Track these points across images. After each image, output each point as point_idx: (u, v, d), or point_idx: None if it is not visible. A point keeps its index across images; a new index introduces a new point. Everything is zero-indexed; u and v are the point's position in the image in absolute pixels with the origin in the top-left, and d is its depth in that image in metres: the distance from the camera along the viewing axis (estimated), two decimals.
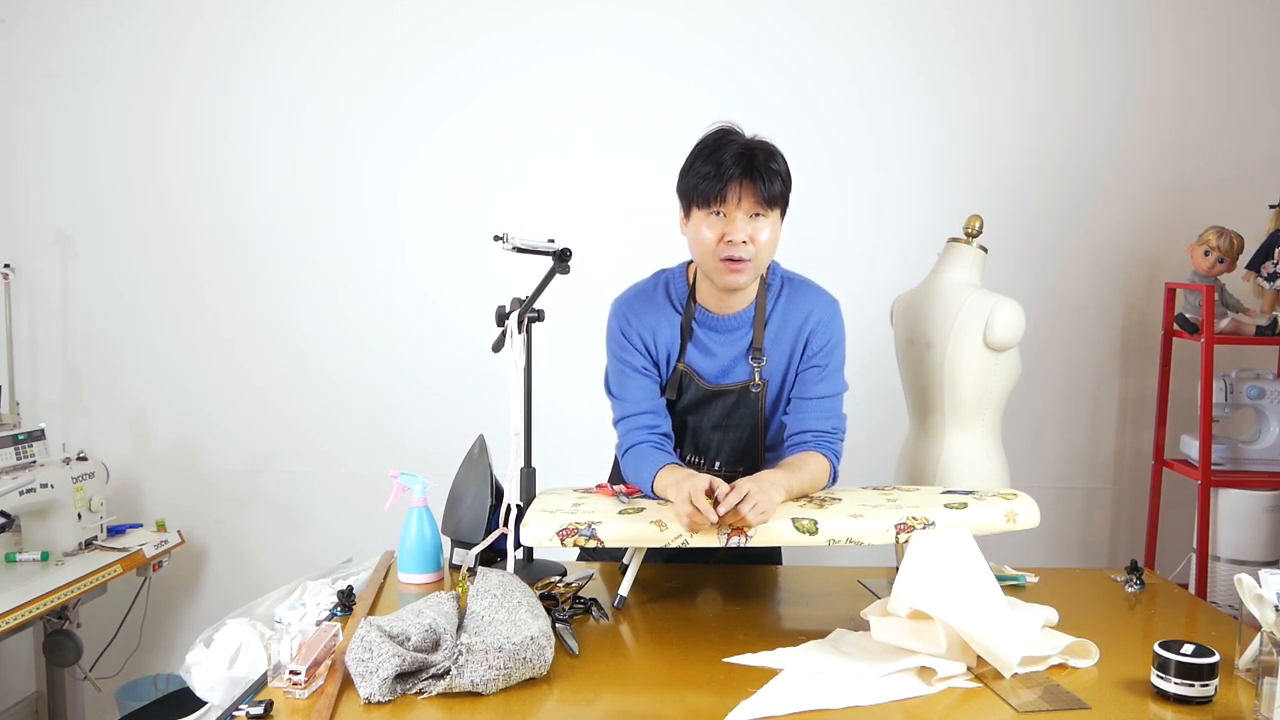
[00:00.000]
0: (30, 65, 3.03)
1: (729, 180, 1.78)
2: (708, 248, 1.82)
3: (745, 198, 1.79)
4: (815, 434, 1.89)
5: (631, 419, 1.93)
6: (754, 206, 1.79)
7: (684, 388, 1.94)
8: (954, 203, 2.89)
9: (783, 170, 1.82)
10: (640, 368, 1.94)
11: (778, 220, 1.84)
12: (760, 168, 1.78)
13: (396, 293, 3.08)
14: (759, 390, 1.92)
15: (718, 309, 1.92)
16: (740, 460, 1.98)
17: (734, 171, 1.77)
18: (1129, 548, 3.08)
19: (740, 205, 1.79)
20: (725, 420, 1.95)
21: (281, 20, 3.02)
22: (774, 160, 1.81)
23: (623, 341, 1.94)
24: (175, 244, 3.08)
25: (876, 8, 3.00)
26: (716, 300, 1.91)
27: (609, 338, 1.97)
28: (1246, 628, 1.51)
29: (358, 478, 3.06)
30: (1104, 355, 3.09)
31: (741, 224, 1.79)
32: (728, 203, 1.79)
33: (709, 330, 1.92)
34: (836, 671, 1.50)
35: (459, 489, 2.01)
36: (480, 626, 1.49)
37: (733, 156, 1.78)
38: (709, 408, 1.95)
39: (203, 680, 1.68)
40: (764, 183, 1.78)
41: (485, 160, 3.04)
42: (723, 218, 1.80)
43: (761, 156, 1.79)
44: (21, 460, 2.59)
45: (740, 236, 1.79)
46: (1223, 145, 3.01)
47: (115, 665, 2.96)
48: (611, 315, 1.97)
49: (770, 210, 1.81)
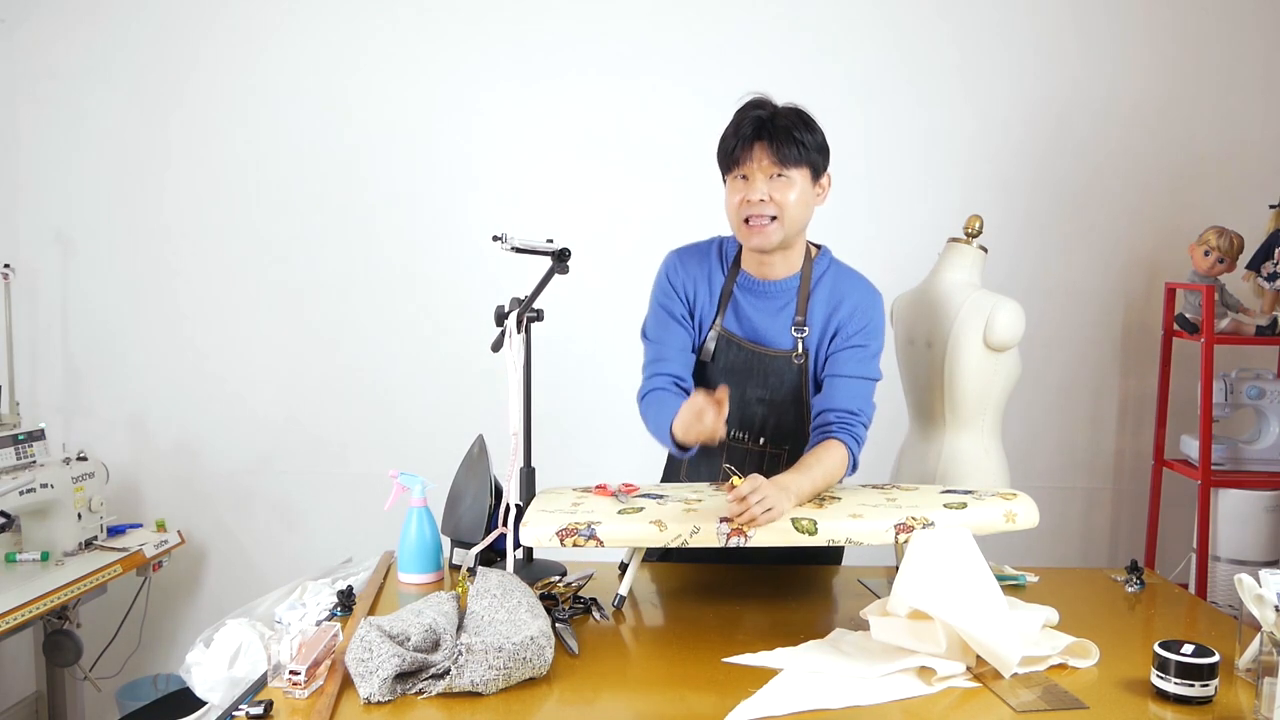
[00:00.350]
0: (30, 65, 3.03)
1: (743, 143, 1.85)
2: (734, 210, 1.89)
3: (762, 159, 1.85)
4: (839, 414, 1.88)
5: (659, 363, 1.96)
6: (772, 167, 1.85)
7: (719, 351, 1.96)
8: (954, 203, 2.89)
9: (805, 135, 1.85)
10: (679, 315, 1.98)
11: (805, 181, 1.87)
12: (777, 130, 1.84)
13: (396, 293, 3.08)
14: (801, 361, 1.93)
15: (760, 274, 1.96)
16: (786, 439, 1.99)
17: (748, 133, 1.85)
18: (1129, 548, 3.08)
19: (759, 166, 1.85)
20: (769, 394, 1.96)
21: (283, 22, 3.02)
22: (796, 125, 1.85)
23: (668, 288, 1.99)
24: (175, 244, 3.08)
25: (874, 10, 3.00)
26: (759, 265, 1.95)
27: (655, 284, 2.02)
28: (1246, 628, 1.51)
29: (358, 478, 3.06)
30: (1104, 355, 3.09)
31: (760, 184, 1.85)
32: (746, 165, 1.85)
33: (749, 294, 1.96)
34: (836, 671, 1.50)
35: (459, 489, 2.01)
36: (480, 626, 1.49)
37: (750, 121, 1.85)
38: (750, 375, 1.95)
39: (203, 680, 1.68)
40: (778, 144, 1.83)
41: (485, 160, 3.04)
42: (745, 181, 1.86)
43: (782, 120, 1.85)
44: (21, 460, 2.58)
45: (758, 196, 1.84)
46: (1223, 146, 3.01)
47: (115, 665, 2.96)
48: (662, 264, 2.03)
49: (789, 169, 1.85)
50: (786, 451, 1.98)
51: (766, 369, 1.95)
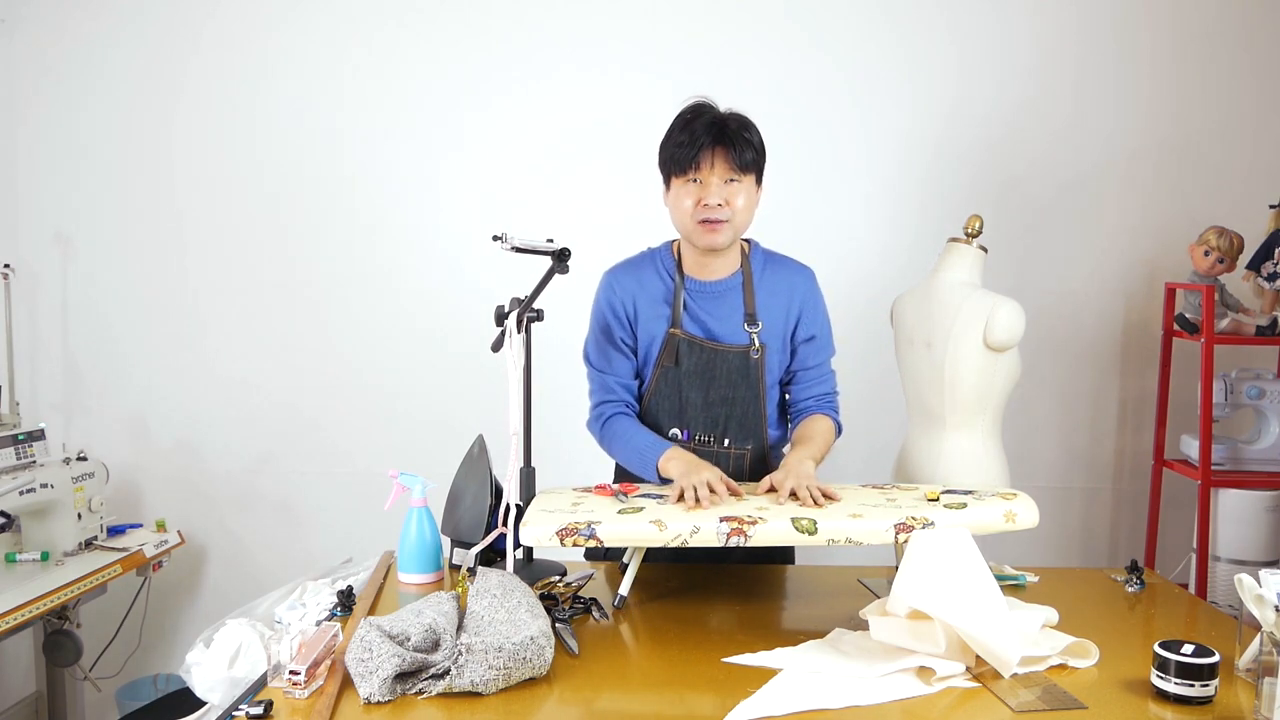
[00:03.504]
0: (30, 65, 3.03)
1: (702, 148, 1.88)
2: (686, 213, 1.92)
3: (719, 164, 1.88)
4: (816, 398, 2.06)
5: (606, 392, 2.03)
6: (728, 172, 1.89)
7: (682, 353, 1.98)
8: (954, 203, 2.89)
9: (755, 139, 1.91)
10: (619, 339, 2.02)
11: (753, 187, 1.93)
12: (733, 136, 1.88)
13: (396, 292, 3.08)
14: (758, 356, 1.97)
15: (703, 275, 2.00)
16: (749, 437, 2.03)
17: (706, 139, 1.88)
18: (1129, 548, 3.08)
19: (715, 171, 1.88)
20: (729, 393, 1.99)
21: (285, 21, 3.02)
22: (746, 129, 1.91)
23: (606, 311, 2.03)
24: (175, 244, 3.08)
25: (874, 9, 3.00)
26: (701, 267, 1.99)
27: (594, 307, 2.06)
28: (1246, 628, 1.51)
29: (358, 478, 3.06)
30: (1104, 355, 3.09)
31: (717, 189, 1.89)
32: (702, 169, 1.89)
33: (699, 296, 2.00)
34: (836, 671, 1.50)
35: (459, 489, 2.02)
36: (480, 626, 1.49)
37: (704, 126, 1.89)
38: (713, 376, 1.98)
39: (203, 680, 1.68)
40: (736, 150, 1.87)
41: (485, 161, 3.04)
42: (699, 184, 1.90)
43: (734, 125, 1.90)
44: (21, 460, 2.58)
45: (715, 200, 1.88)
46: (1223, 145, 3.01)
47: (115, 665, 2.96)
48: (599, 286, 2.06)
49: (744, 176, 1.90)
50: (749, 451, 2.03)
51: (729, 367, 1.98)
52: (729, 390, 1.99)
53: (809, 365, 2.04)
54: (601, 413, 2.04)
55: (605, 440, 2.04)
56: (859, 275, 2.93)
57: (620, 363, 2.03)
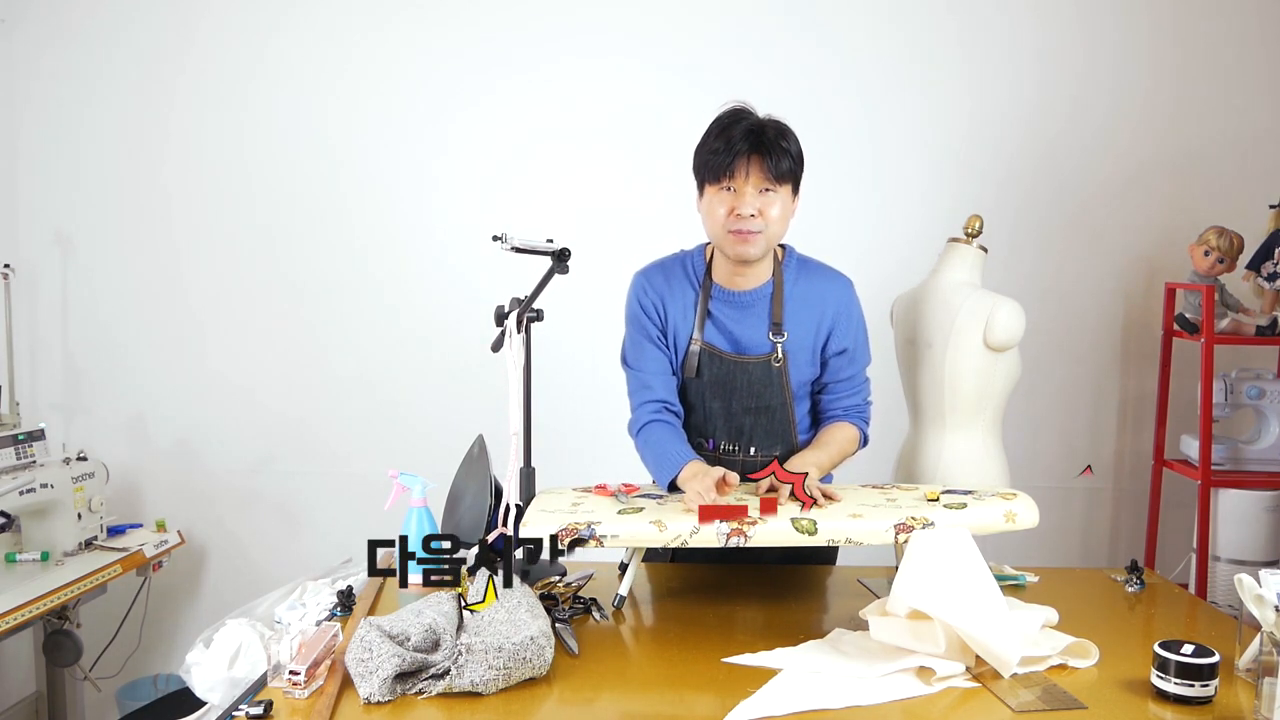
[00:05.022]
0: (30, 65, 3.03)
1: (738, 156, 1.82)
2: (719, 221, 1.87)
3: (754, 173, 1.83)
4: (846, 409, 2.03)
5: (645, 390, 1.98)
6: (763, 182, 1.84)
7: (703, 365, 1.95)
8: (954, 203, 2.89)
9: (793, 148, 1.86)
10: (654, 337, 1.98)
11: (788, 197, 1.88)
12: (769, 144, 1.83)
13: (396, 293, 3.08)
14: (780, 364, 1.93)
15: (733, 285, 1.95)
16: (776, 444, 2.00)
17: (742, 147, 1.82)
18: (1129, 548, 3.08)
19: (749, 180, 1.83)
20: (755, 401, 1.96)
21: (283, 22, 3.02)
22: (784, 138, 1.85)
23: (638, 311, 1.99)
24: (175, 244, 3.08)
25: (877, 9, 3.00)
26: (731, 276, 1.95)
27: (627, 309, 2.02)
28: (1246, 628, 1.51)
29: (358, 478, 3.06)
30: (1104, 355, 3.09)
31: (750, 198, 1.84)
32: (736, 177, 1.84)
33: (725, 306, 1.96)
34: (835, 671, 1.50)
35: (459, 489, 2.02)
36: (480, 626, 1.49)
37: (742, 133, 1.83)
38: (735, 386, 1.95)
39: (203, 680, 1.68)
40: (772, 159, 1.82)
41: (485, 161, 3.04)
42: (733, 192, 1.85)
43: (771, 134, 1.84)
44: (21, 460, 2.58)
45: (749, 210, 1.83)
46: (1223, 145, 3.01)
47: (115, 665, 2.96)
48: (630, 287, 2.02)
49: (779, 186, 1.85)
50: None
51: (751, 378, 1.95)
52: (752, 400, 1.96)
53: (841, 378, 2.00)
54: (638, 418, 1.98)
55: (639, 450, 1.99)
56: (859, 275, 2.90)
57: (657, 358, 1.98)
